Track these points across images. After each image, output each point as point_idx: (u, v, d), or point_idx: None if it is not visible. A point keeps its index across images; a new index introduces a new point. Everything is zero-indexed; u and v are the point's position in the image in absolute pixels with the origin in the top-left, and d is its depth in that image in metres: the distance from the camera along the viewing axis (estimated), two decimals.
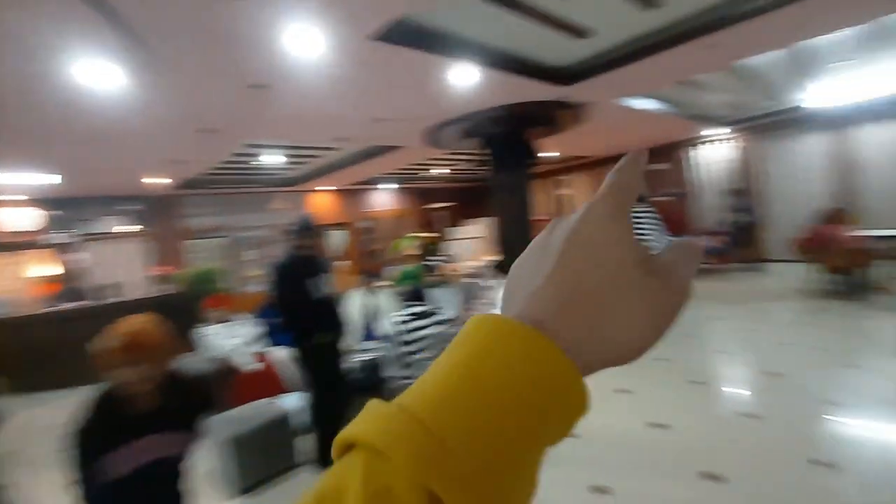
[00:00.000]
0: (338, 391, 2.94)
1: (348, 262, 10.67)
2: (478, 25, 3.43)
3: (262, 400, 3.15)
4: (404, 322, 3.08)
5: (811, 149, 8.00)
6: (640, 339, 0.25)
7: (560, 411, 0.23)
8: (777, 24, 3.59)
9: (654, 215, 5.71)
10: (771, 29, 3.71)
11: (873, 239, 5.49)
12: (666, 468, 2.49)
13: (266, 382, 3.46)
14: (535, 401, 0.22)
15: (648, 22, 3.67)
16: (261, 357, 3.63)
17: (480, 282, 5.02)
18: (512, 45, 3.87)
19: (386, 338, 3.21)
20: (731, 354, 4.37)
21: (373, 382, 3.29)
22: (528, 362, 0.23)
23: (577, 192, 11.59)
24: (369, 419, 0.22)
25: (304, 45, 2.93)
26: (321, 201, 10.62)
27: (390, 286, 7.40)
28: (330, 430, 2.82)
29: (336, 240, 11.26)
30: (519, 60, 4.07)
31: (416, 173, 10.57)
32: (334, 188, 10.65)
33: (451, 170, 10.51)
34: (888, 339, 4.11)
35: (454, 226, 11.97)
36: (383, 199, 12.05)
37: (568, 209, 11.81)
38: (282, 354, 3.65)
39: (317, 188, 10.39)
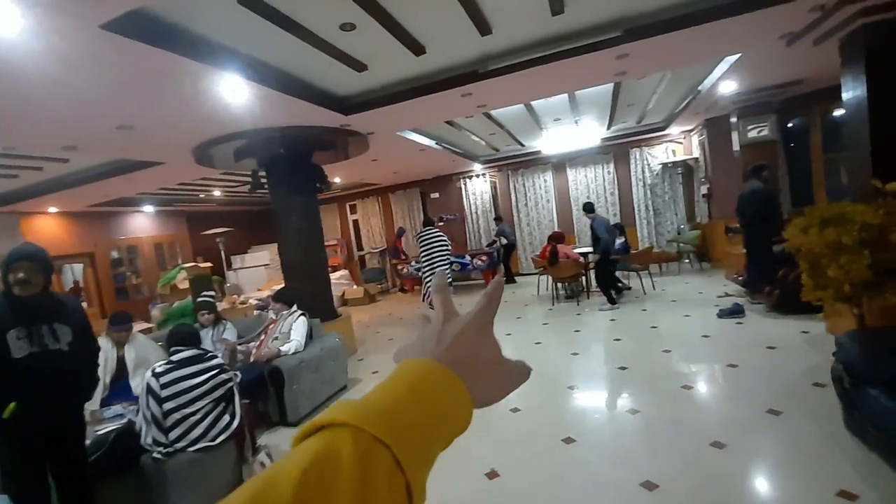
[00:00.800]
0: (69, 479, 2.24)
1: (86, 303, 8.46)
2: (252, 40, 3.23)
3: None
4: (162, 373, 2.58)
5: (547, 185, 10.18)
6: (496, 395, 0.41)
7: (456, 425, 0.35)
8: (514, 85, 4.48)
9: (442, 235, 6.42)
10: (510, 88, 4.60)
11: (583, 255, 7.23)
12: (450, 470, 2.69)
13: None
14: (448, 412, 0.35)
15: (418, 66, 4.09)
16: None
17: (267, 314, 4.64)
18: (291, 66, 3.78)
19: (142, 396, 2.62)
20: None
21: (123, 457, 2.58)
22: (448, 389, 0.35)
23: (367, 217, 11.93)
24: (343, 411, 0.30)
25: None
26: (46, 226, 8.21)
27: (153, 329, 6.20)
28: None
29: (71, 275, 8.84)
30: (298, 83, 3.99)
31: (193, 194, 9.20)
32: (69, 210, 8.39)
33: (230, 192, 9.53)
34: (595, 329, 5.49)
35: (238, 253, 10.82)
36: (145, 224, 10.06)
37: (358, 233, 12.05)
38: None
39: (48, 210, 8.04)
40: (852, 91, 3.82)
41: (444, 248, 6.41)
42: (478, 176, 10.66)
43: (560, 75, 4.43)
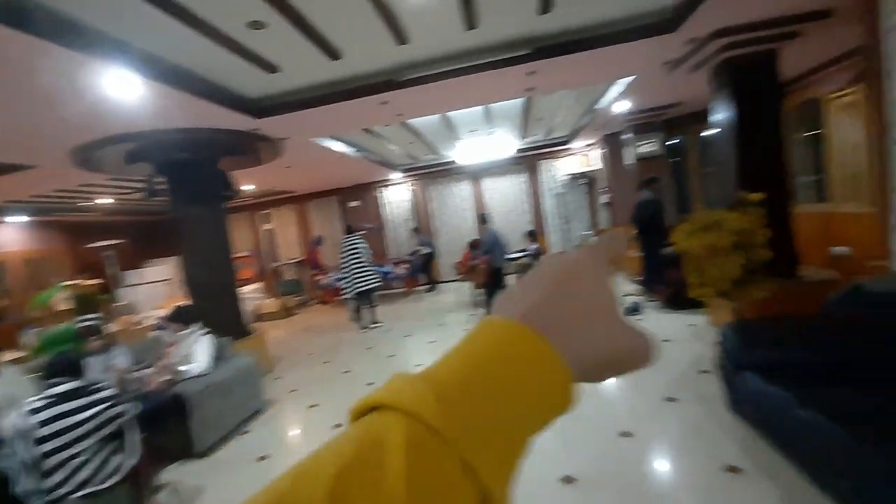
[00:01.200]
0: None
1: None
2: (144, 32, 2.93)
3: None
4: (39, 410, 2.22)
5: (463, 193, 10.45)
6: (604, 370, 0.29)
7: (552, 404, 0.27)
8: (430, 95, 4.55)
9: (362, 244, 6.31)
10: (426, 98, 4.66)
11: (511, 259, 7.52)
12: None
13: None
14: (534, 391, 0.26)
15: (333, 71, 4.00)
16: None
17: (166, 335, 4.20)
18: (192, 63, 3.49)
19: (11, 439, 2.22)
20: (423, 366, 5.10)
21: None
22: (536, 361, 0.27)
23: (284, 227, 11.37)
24: (397, 390, 0.25)
25: None
26: None
27: (25, 359, 5.33)
28: None
29: None
30: (200, 81, 3.70)
31: (71, 202, 8.08)
32: None
33: (121, 199, 8.55)
34: None
35: (131, 268, 9.70)
36: (14, 236, 8.64)
37: (272, 243, 11.43)
38: None
39: None
40: (720, 114, 4.41)
41: (362, 256, 6.31)
42: (397, 185, 10.65)
43: (474, 88, 4.58)
